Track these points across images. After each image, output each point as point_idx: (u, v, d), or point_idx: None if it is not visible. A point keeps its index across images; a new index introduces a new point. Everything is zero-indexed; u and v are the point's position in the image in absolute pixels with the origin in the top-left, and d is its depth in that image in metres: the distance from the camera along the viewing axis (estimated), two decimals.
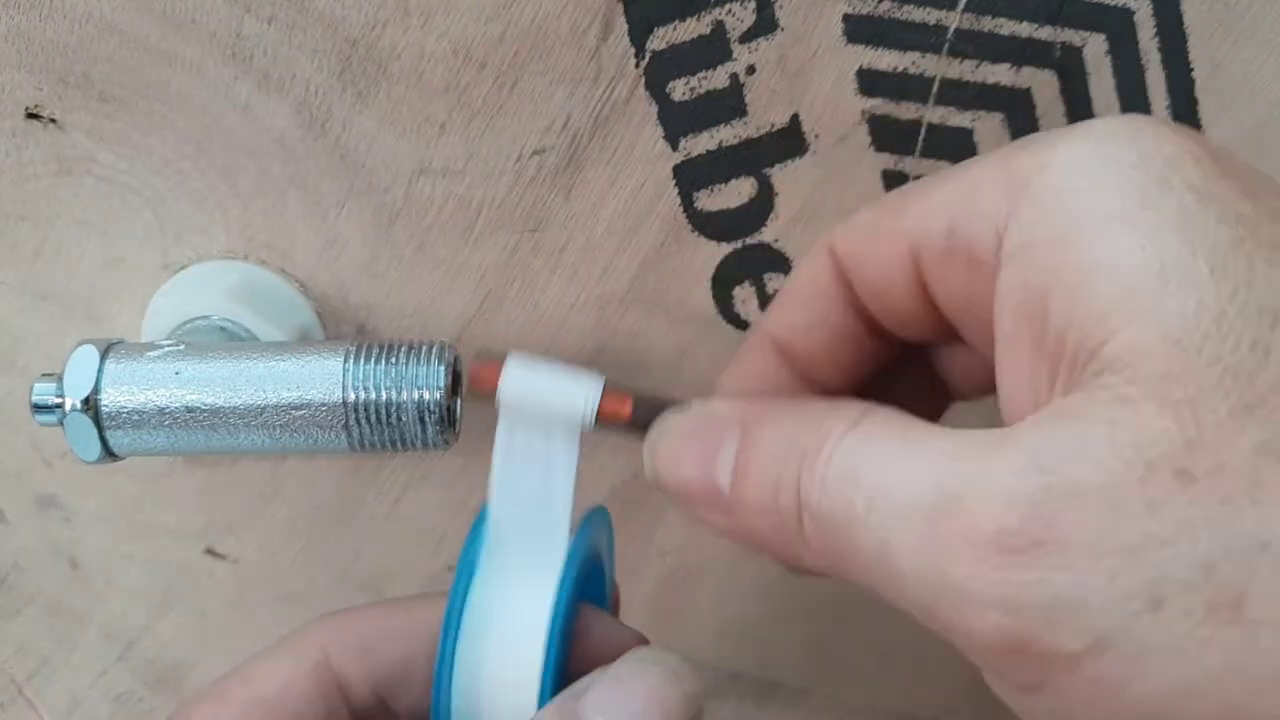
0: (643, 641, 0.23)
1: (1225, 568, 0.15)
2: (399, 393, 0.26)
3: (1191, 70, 0.29)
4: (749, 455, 0.19)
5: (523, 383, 0.22)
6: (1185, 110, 0.29)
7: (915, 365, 0.24)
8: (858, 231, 0.22)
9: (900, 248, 0.20)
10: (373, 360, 0.26)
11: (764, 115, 0.29)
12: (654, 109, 0.29)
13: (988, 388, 0.22)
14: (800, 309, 0.23)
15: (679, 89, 0.29)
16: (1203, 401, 0.15)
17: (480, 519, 0.23)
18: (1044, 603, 0.15)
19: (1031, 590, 0.15)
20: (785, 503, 0.18)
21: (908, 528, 0.17)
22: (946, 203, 0.20)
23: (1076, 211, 0.17)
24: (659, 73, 0.28)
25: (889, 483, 0.17)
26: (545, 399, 0.22)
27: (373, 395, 0.26)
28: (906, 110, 0.29)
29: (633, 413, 0.22)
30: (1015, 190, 0.18)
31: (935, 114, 0.29)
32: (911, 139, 0.30)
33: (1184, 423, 0.15)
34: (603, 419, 0.22)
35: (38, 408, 0.26)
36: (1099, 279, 0.16)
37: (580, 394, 0.22)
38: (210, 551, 0.34)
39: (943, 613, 0.16)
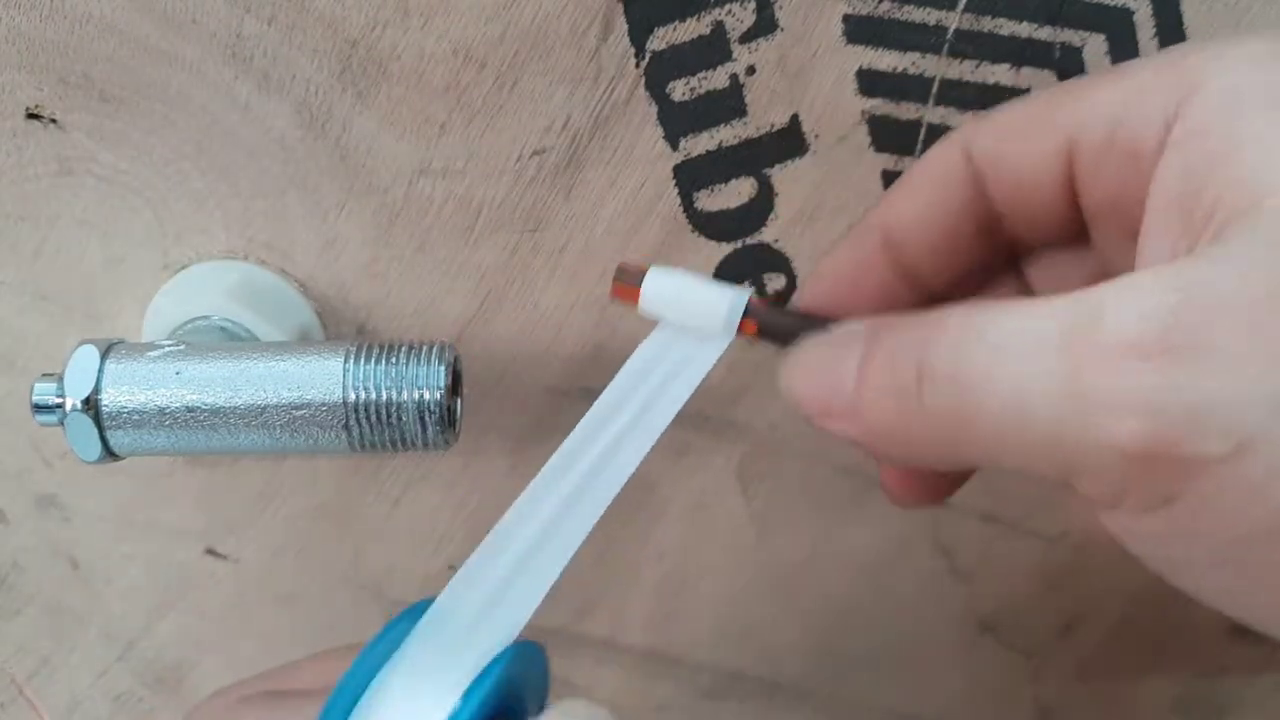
0: None
1: None
2: (399, 393, 0.26)
3: None
4: (872, 349, 0.20)
5: (665, 291, 0.23)
6: None
7: (1009, 275, 0.24)
8: (1004, 127, 0.22)
9: (1055, 143, 0.21)
10: (373, 360, 0.26)
11: (764, 115, 0.29)
12: (654, 109, 0.29)
13: None
14: (919, 201, 0.23)
15: (679, 89, 0.29)
16: None
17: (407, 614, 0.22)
18: (1188, 405, 0.15)
19: (1175, 393, 0.15)
20: (905, 379, 0.18)
21: (1041, 357, 0.17)
22: (1112, 99, 0.20)
23: (1244, 104, 0.18)
24: (659, 73, 0.28)
25: (1018, 327, 0.17)
26: (690, 304, 0.23)
27: (373, 395, 0.26)
28: (906, 110, 0.29)
29: (764, 326, 0.23)
30: (1187, 86, 0.19)
31: (935, 114, 0.29)
32: (911, 139, 0.30)
33: None
34: (743, 330, 0.23)
35: (38, 408, 0.26)
36: (1254, 156, 0.17)
37: (729, 299, 0.22)
38: (210, 551, 0.34)
39: (1074, 435, 0.16)
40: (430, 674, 0.21)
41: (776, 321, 0.23)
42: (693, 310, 0.23)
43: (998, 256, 0.23)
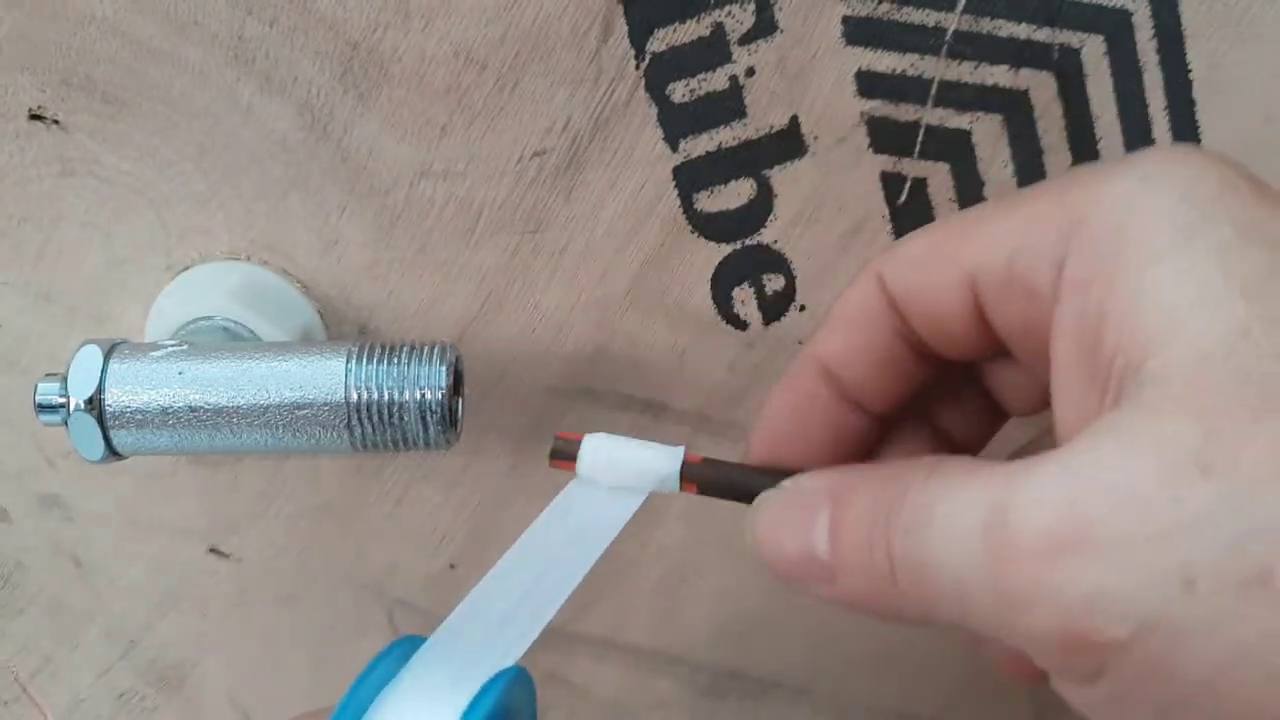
0: None
1: (1252, 547, 0.16)
2: (401, 393, 0.26)
3: (1189, 71, 0.29)
4: (841, 520, 0.20)
5: (603, 457, 0.24)
6: (1183, 111, 0.29)
7: (964, 383, 0.25)
8: (909, 261, 0.22)
9: (957, 277, 0.21)
10: (375, 360, 0.26)
11: (763, 117, 0.29)
12: (654, 111, 0.29)
13: (1038, 403, 0.24)
14: (847, 335, 0.23)
15: (679, 91, 0.29)
16: (1224, 406, 0.16)
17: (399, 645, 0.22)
18: (1086, 595, 0.16)
19: (1073, 585, 0.16)
20: (879, 559, 0.19)
21: (969, 549, 0.18)
22: (1006, 237, 0.21)
23: (1127, 249, 0.18)
24: (659, 74, 0.29)
25: (953, 512, 0.18)
26: (627, 471, 0.24)
27: (375, 395, 0.26)
28: (905, 112, 0.29)
29: (704, 485, 0.24)
30: (1071, 227, 0.19)
31: (934, 115, 0.29)
32: (910, 140, 0.30)
33: (1205, 424, 0.16)
34: (685, 490, 0.24)
35: (42, 407, 0.26)
36: (1144, 309, 0.18)
37: (665, 463, 0.23)
38: (213, 550, 0.35)
39: (1008, 623, 0.17)
40: (428, 696, 0.21)
41: (717, 478, 0.24)
42: (631, 474, 0.24)
43: (943, 371, 0.24)
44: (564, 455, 0.24)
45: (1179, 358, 0.17)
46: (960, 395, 0.25)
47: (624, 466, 0.24)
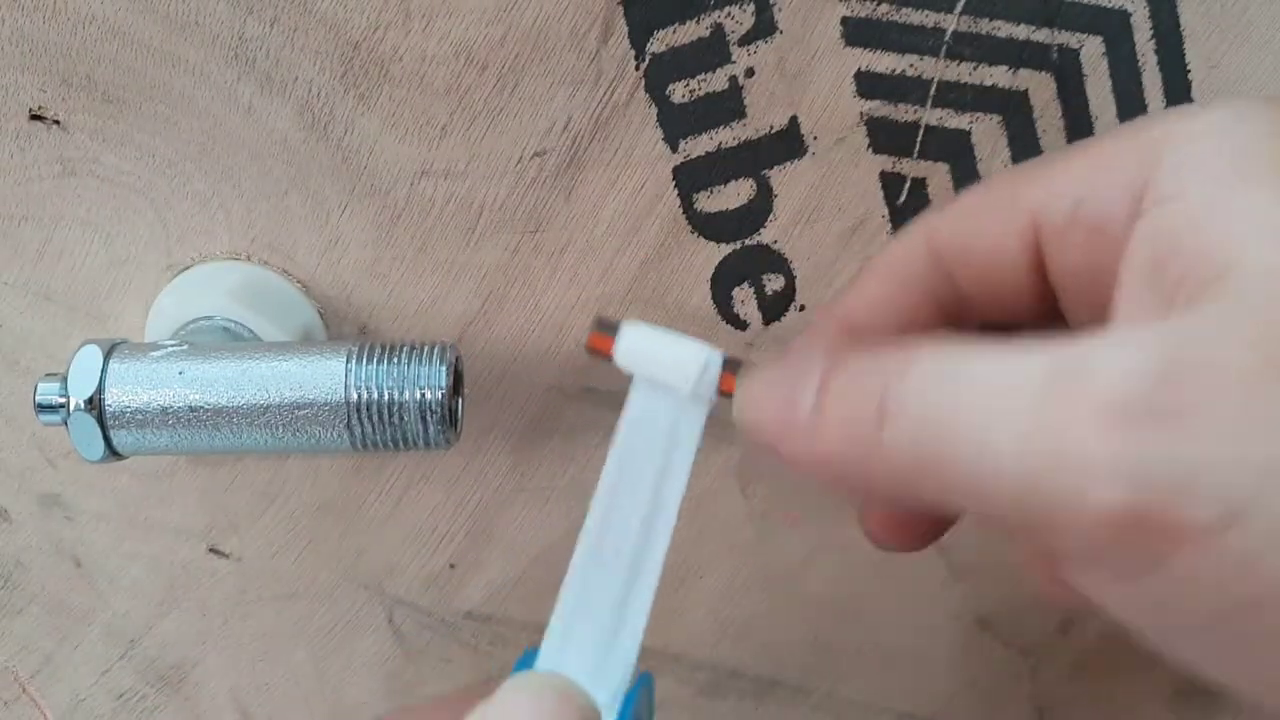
0: None
1: None
2: (401, 392, 0.26)
3: (1188, 71, 0.29)
4: (832, 375, 0.19)
5: (640, 345, 0.22)
6: None
7: None
8: (966, 212, 0.22)
9: (1020, 221, 0.21)
10: (375, 360, 0.26)
11: (763, 117, 0.29)
12: (654, 111, 0.29)
13: None
14: (883, 291, 0.23)
15: (679, 91, 0.29)
16: None
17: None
18: (1176, 472, 0.15)
19: (1163, 459, 0.15)
20: (865, 412, 0.18)
21: (1014, 407, 0.16)
22: (1075, 176, 0.20)
23: (1212, 174, 0.18)
24: (659, 75, 0.29)
25: (994, 370, 0.17)
26: (664, 360, 0.22)
27: (375, 395, 0.26)
28: (904, 112, 0.29)
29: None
30: (1154, 156, 0.19)
31: (933, 116, 0.29)
32: (909, 141, 0.30)
33: None
34: (723, 389, 0.22)
35: (42, 407, 0.26)
36: (1224, 229, 0.17)
37: (701, 355, 0.22)
38: (213, 550, 0.35)
39: (1047, 492, 0.16)
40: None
41: None
42: (668, 365, 0.22)
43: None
44: (606, 329, 0.22)
45: (1260, 269, 0.16)
46: None
47: (661, 355, 0.22)
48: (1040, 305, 0.22)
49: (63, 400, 0.26)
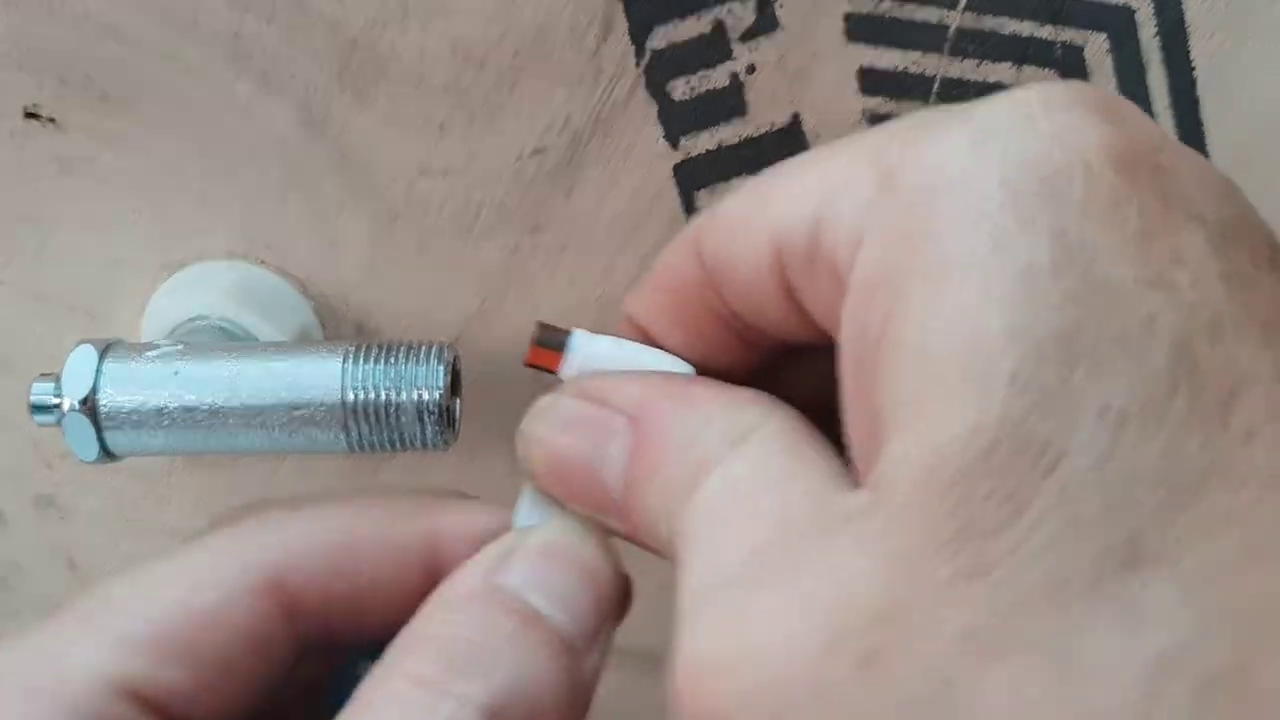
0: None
1: None
2: (398, 393, 0.26)
3: (1193, 69, 0.29)
4: (638, 469, 0.18)
5: (599, 355, 0.20)
6: (1186, 109, 0.29)
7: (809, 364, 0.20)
8: (725, 222, 0.18)
9: (764, 246, 0.17)
10: (372, 360, 0.26)
11: (764, 114, 0.29)
12: (654, 108, 0.29)
13: None
14: (663, 302, 0.20)
15: (679, 88, 0.29)
16: (925, 558, 0.13)
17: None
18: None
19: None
20: (664, 534, 0.17)
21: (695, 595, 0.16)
22: (808, 198, 0.17)
23: (924, 248, 0.14)
24: (659, 72, 0.28)
25: (707, 556, 0.16)
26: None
27: (372, 396, 0.26)
28: (908, 109, 0.29)
29: None
30: (877, 194, 0.15)
31: None
32: None
33: (892, 585, 0.13)
34: None
35: (36, 408, 0.26)
36: (908, 358, 0.14)
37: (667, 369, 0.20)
38: None
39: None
40: None
41: None
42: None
43: (781, 354, 0.20)
44: (551, 345, 0.20)
45: (909, 457, 0.13)
46: (810, 375, 0.20)
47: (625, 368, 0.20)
48: (814, 333, 0.18)
49: (57, 400, 0.26)
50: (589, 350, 0.20)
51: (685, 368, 0.20)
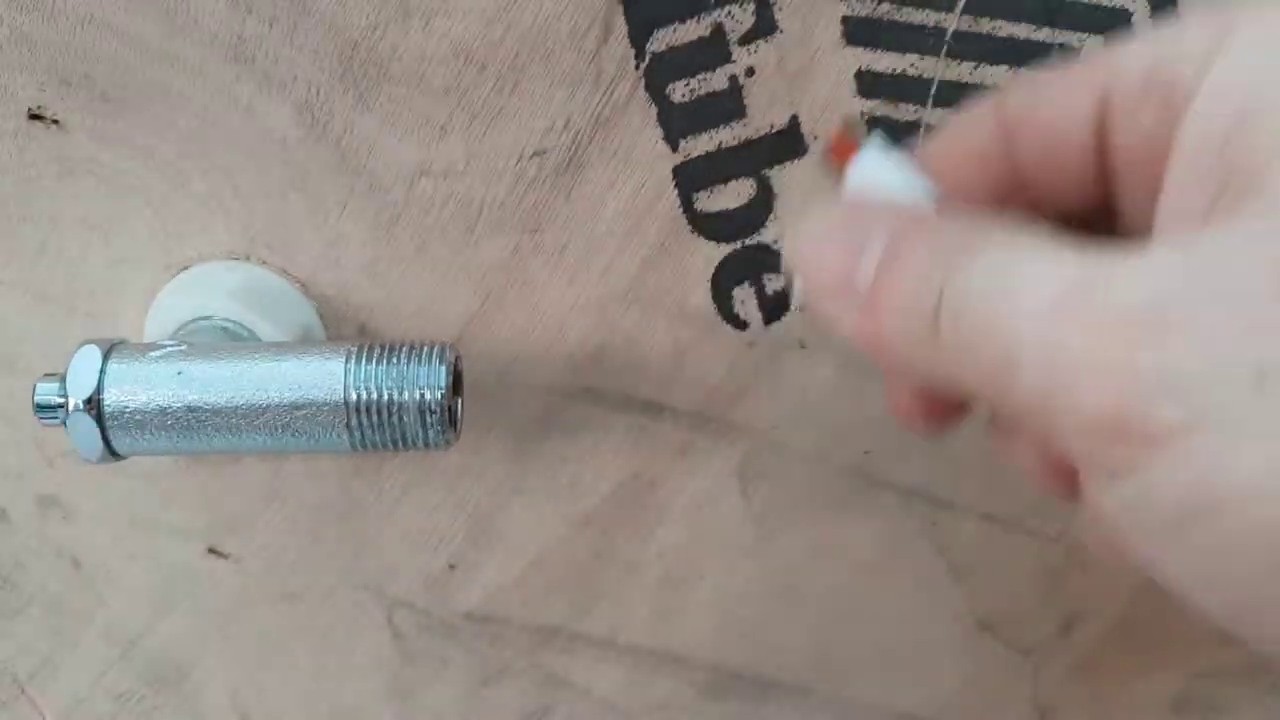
0: None
1: None
2: (400, 393, 0.26)
3: None
4: (894, 253, 0.19)
5: (872, 172, 0.21)
6: None
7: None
8: (1041, 80, 0.21)
9: (1089, 89, 0.20)
10: (374, 360, 0.26)
11: (763, 117, 0.29)
12: (654, 110, 0.29)
13: None
14: (945, 158, 0.22)
15: (679, 90, 0.29)
16: None
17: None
18: (1152, 376, 0.16)
19: (1144, 365, 0.16)
20: (925, 303, 0.18)
21: (1038, 312, 0.17)
22: (1151, 45, 0.20)
23: (1276, 60, 0.18)
24: (659, 74, 0.29)
25: (1035, 273, 0.17)
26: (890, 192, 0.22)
27: (374, 395, 0.26)
28: (905, 112, 0.29)
29: None
30: (1224, 32, 0.18)
31: (934, 115, 0.29)
32: (910, 140, 0.30)
33: None
34: None
35: (40, 408, 0.26)
36: (1273, 128, 0.17)
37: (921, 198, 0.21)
38: (212, 551, 0.35)
39: (1053, 400, 0.17)
40: None
41: None
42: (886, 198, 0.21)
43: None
44: (852, 134, 0.22)
45: None
46: None
47: (886, 191, 0.21)
48: (1091, 190, 0.21)
49: (61, 400, 0.26)
50: (880, 159, 0.22)
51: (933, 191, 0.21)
